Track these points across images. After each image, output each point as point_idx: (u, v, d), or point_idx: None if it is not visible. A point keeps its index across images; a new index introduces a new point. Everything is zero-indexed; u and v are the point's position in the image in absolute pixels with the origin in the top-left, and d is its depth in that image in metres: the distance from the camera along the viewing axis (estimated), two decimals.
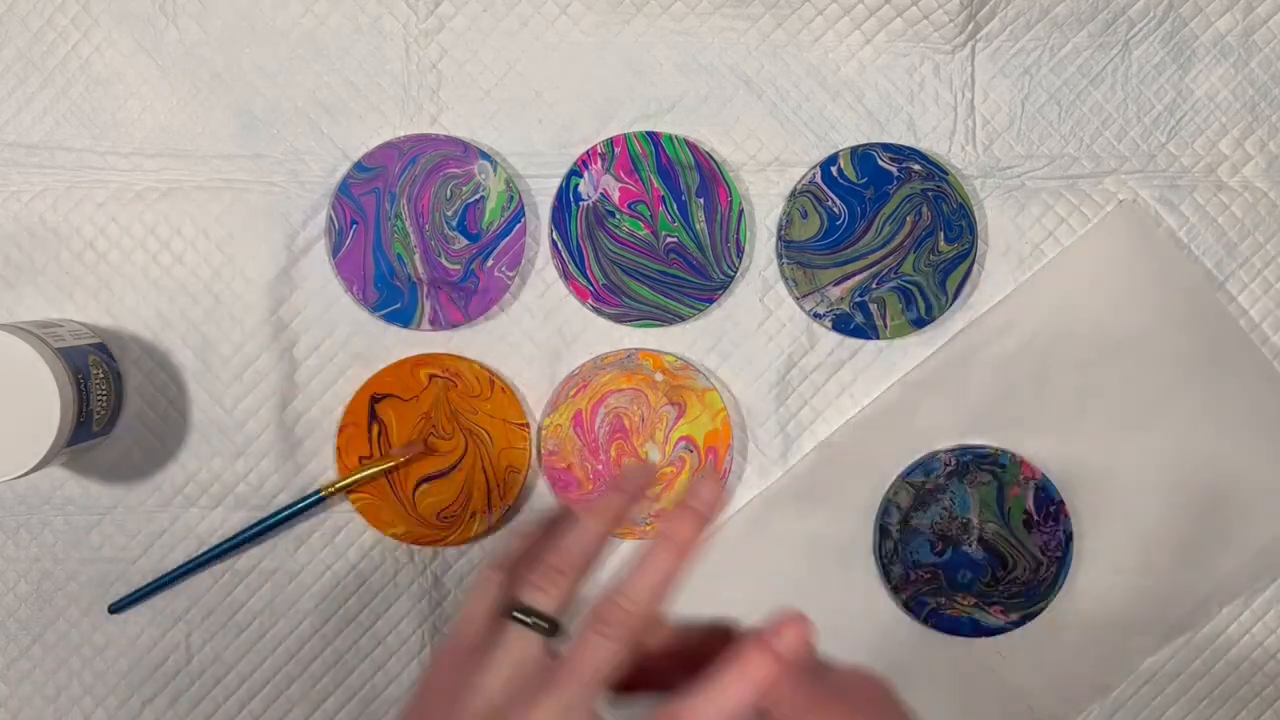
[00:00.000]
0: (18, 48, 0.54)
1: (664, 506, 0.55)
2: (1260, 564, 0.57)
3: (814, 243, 0.55)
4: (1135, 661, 0.57)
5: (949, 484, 0.56)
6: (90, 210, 0.55)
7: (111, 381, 0.53)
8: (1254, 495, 0.57)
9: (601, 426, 0.55)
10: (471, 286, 0.55)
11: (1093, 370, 0.56)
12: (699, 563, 0.36)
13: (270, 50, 0.55)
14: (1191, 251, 0.57)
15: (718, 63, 0.56)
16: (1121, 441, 0.56)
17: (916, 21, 0.55)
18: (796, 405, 0.56)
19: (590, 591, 0.36)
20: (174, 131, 0.55)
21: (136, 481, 0.55)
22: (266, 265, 0.55)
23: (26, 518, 0.55)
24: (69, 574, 0.56)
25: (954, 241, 0.55)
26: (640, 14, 0.55)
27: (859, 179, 0.55)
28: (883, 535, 0.56)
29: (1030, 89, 0.56)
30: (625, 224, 0.55)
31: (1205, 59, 0.56)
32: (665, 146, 0.55)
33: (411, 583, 0.56)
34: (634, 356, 0.55)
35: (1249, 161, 0.57)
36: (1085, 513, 0.56)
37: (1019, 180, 0.56)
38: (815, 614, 0.56)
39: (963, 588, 0.56)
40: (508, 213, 0.55)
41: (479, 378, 0.55)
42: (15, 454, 0.48)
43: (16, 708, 0.56)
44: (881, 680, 0.38)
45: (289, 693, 0.56)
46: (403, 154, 0.54)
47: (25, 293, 0.55)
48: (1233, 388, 0.56)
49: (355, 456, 0.55)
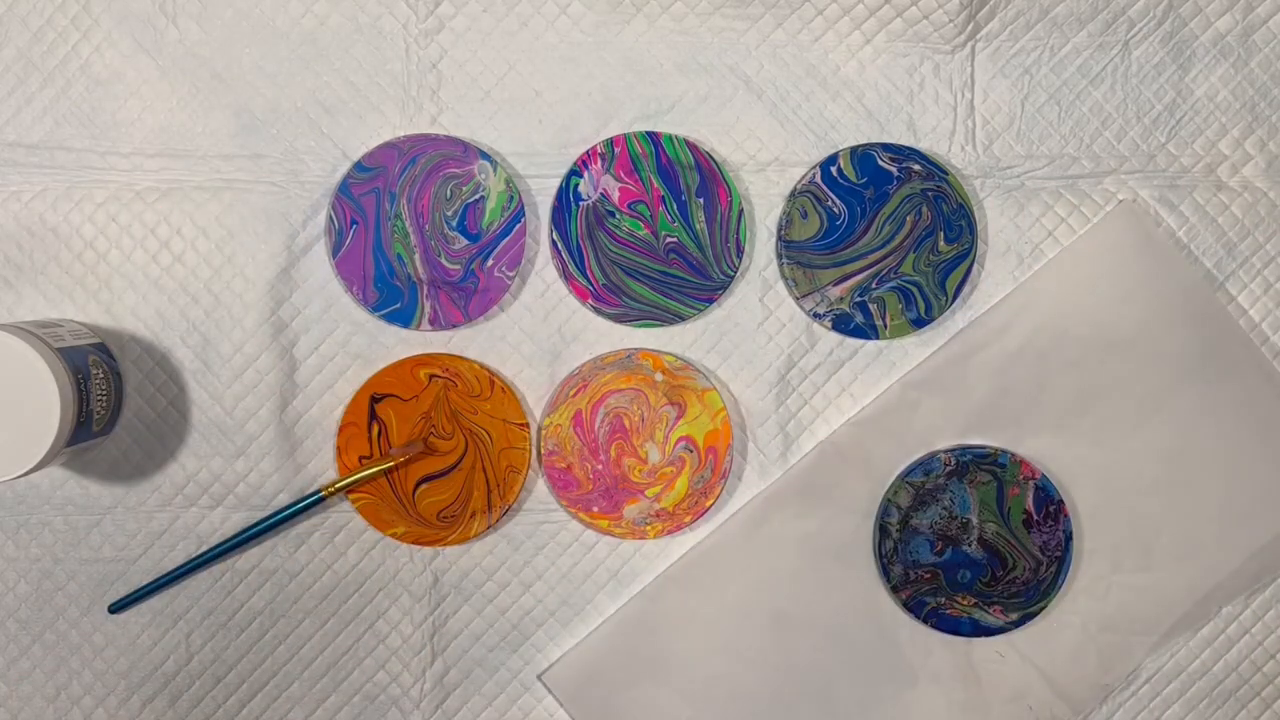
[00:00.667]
0: (18, 48, 0.54)
1: (664, 507, 0.55)
2: (1260, 564, 0.57)
3: (814, 243, 0.55)
4: (1135, 661, 0.57)
5: (949, 484, 0.56)
6: (90, 210, 0.55)
7: (111, 381, 0.53)
8: (1254, 495, 0.57)
9: (601, 426, 0.55)
10: (471, 286, 0.55)
11: (1093, 370, 0.56)
12: (701, 559, 0.36)
13: (270, 50, 0.55)
14: (1191, 251, 0.57)
15: (718, 63, 0.56)
16: (1121, 441, 0.56)
17: (916, 21, 0.55)
18: (796, 405, 0.56)
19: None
20: (174, 131, 0.55)
21: (136, 481, 0.55)
22: (266, 265, 0.55)
23: (26, 518, 0.55)
24: (69, 574, 0.56)
25: (954, 241, 0.55)
26: (640, 14, 0.55)
27: (859, 179, 0.55)
28: (883, 535, 0.56)
29: (1030, 89, 0.56)
30: (625, 224, 0.55)
31: (1205, 59, 0.56)
32: (665, 146, 0.55)
33: (411, 582, 0.56)
34: (634, 356, 0.55)
35: (1249, 161, 0.57)
36: (1085, 513, 0.56)
37: (1019, 180, 0.56)
38: (815, 614, 0.56)
39: (963, 588, 0.56)
40: (508, 213, 0.55)
41: (479, 378, 0.55)
42: (15, 454, 0.48)
43: (16, 708, 0.56)
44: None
45: (289, 693, 0.56)
46: (403, 154, 0.55)
47: (25, 293, 0.55)
48: (1233, 388, 0.56)
49: (355, 456, 0.55)
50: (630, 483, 0.55)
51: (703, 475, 0.55)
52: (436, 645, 0.56)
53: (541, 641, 0.56)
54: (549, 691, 0.56)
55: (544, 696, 0.56)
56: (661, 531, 0.55)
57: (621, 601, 0.56)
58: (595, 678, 0.56)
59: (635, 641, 0.56)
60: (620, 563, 0.56)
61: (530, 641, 0.56)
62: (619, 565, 0.56)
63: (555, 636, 0.56)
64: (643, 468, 0.55)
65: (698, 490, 0.55)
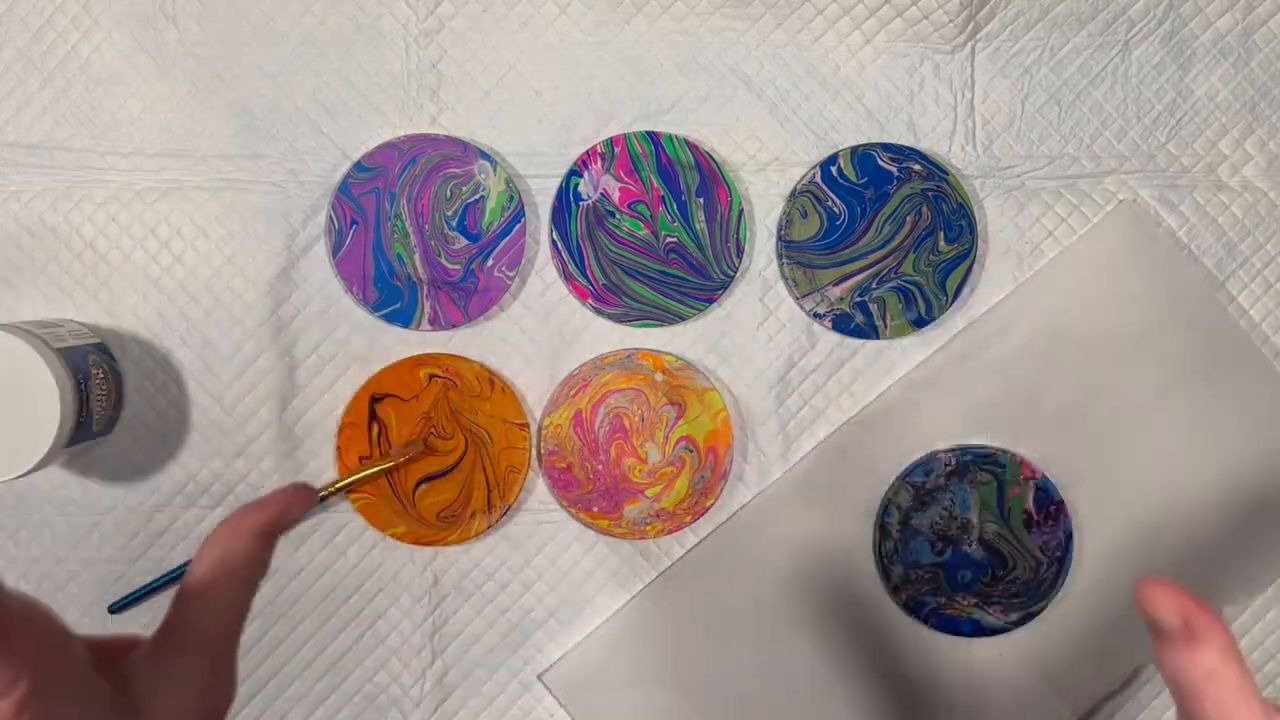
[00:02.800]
0: (18, 48, 0.54)
1: (664, 507, 0.55)
2: (1260, 564, 0.57)
3: (814, 243, 0.55)
4: (1135, 661, 0.57)
5: (949, 484, 0.56)
6: (90, 210, 0.55)
7: (111, 381, 0.53)
8: (1254, 495, 0.56)
9: (601, 426, 0.55)
10: (471, 286, 0.55)
11: (1093, 370, 0.56)
12: (701, 559, 0.36)
13: (270, 50, 0.55)
14: (1191, 251, 0.57)
15: (718, 63, 0.56)
16: (1121, 441, 0.56)
17: (916, 21, 0.55)
18: (796, 405, 0.56)
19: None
20: (174, 131, 0.55)
21: (136, 481, 0.55)
22: (266, 265, 0.55)
23: (26, 518, 0.55)
24: (69, 574, 0.56)
25: (954, 241, 0.55)
26: (640, 14, 0.55)
27: (859, 179, 0.55)
28: (883, 535, 0.56)
29: (1030, 89, 0.56)
30: (625, 224, 0.55)
31: (1205, 59, 0.56)
32: (665, 146, 0.55)
33: (411, 582, 0.56)
34: (634, 356, 0.55)
35: (1249, 161, 0.57)
36: (1085, 513, 0.56)
37: (1019, 180, 0.56)
38: (815, 614, 0.56)
39: (963, 588, 0.56)
40: (508, 213, 0.55)
41: (479, 378, 0.55)
42: (15, 454, 0.48)
43: None
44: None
45: (289, 693, 0.56)
46: (403, 154, 0.54)
47: (25, 293, 0.55)
48: (1233, 388, 0.56)
49: (355, 456, 0.55)
50: (630, 483, 0.55)
51: (703, 475, 0.55)
52: (436, 645, 0.56)
53: (541, 641, 0.56)
54: (549, 691, 0.56)
55: (544, 696, 0.56)
56: (661, 531, 0.55)
57: (621, 601, 0.56)
58: (595, 678, 0.56)
59: (635, 641, 0.56)
60: (620, 563, 0.56)
61: (530, 641, 0.56)
62: (619, 565, 0.56)
63: (555, 636, 0.56)
64: (643, 468, 0.55)
65: (698, 490, 0.55)
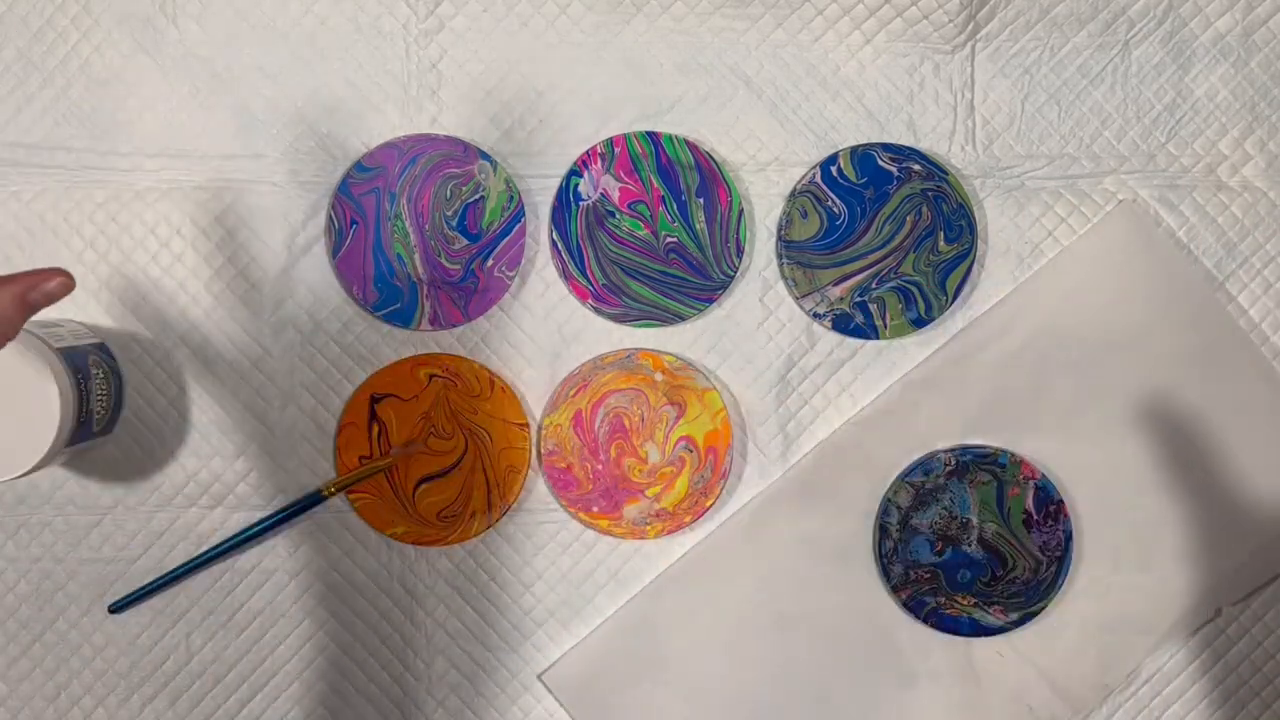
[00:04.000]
0: (18, 48, 0.54)
1: (664, 507, 0.55)
2: (1260, 564, 0.57)
3: (814, 243, 0.55)
4: (1135, 661, 0.57)
5: (949, 484, 0.56)
6: (90, 210, 0.55)
7: (111, 381, 0.53)
8: (1253, 495, 0.57)
9: (601, 426, 0.55)
10: (471, 286, 0.55)
11: (1093, 370, 0.56)
12: (701, 559, 0.36)
13: (270, 50, 0.55)
14: (1191, 251, 0.57)
15: (718, 63, 0.56)
16: (1121, 441, 0.56)
17: (916, 21, 0.55)
18: (796, 405, 0.56)
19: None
20: (174, 131, 0.55)
21: (136, 481, 0.55)
22: (266, 265, 0.55)
23: (26, 518, 0.55)
24: (69, 574, 0.56)
25: (954, 241, 0.55)
26: (640, 14, 0.55)
27: (859, 179, 0.55)
28: (883, 535, 0.56)
29: (1030, 89, 0.56)
30: (625, 224, 0.55)
31: (1205, 59, 0.56)
32: (665, 146, 0.55)
33: (411, 583, 0.56)
34: (634, 356, 0.55)
35: (1249, 161, 0.57)
36: (1085, 513, 0.56)
37: (1019, 180, 0.56)
38: (815, 614, 0.56)
39: (963, 587, 0.56)
40: (508, 213, 0.55)
41: (479, 378, 0.55)
42: (15, 454, 0.48)
43: (16, 708, 0.56)
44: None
45: (289, 692, 0.56)
46: (403, 154, 0.54)
47: None
48: (1233, 388, 0.56)
49: (355, 456, 0.55)
50: (630, 483, 0.55)
51: (703, 475, 0.55)
52: (437, 645, 0.56)
53: (541, 641, 0.56)
54: (549, 691, 0.56)
55: (544, 696, 0.56)
56: (661, 531, 0.55)
57: (621, 601, 0.56)
58: (595, 678, 0.56)
59: (635, 641, 0.56)
60: (620, 563, 0.56)
61: (530, 641, 0.56)
62: (619, 565, 0.56)
63: (555, 636, 0.56)
64: (643, 468, 0.55)
65: (698, 490, 0.55)
